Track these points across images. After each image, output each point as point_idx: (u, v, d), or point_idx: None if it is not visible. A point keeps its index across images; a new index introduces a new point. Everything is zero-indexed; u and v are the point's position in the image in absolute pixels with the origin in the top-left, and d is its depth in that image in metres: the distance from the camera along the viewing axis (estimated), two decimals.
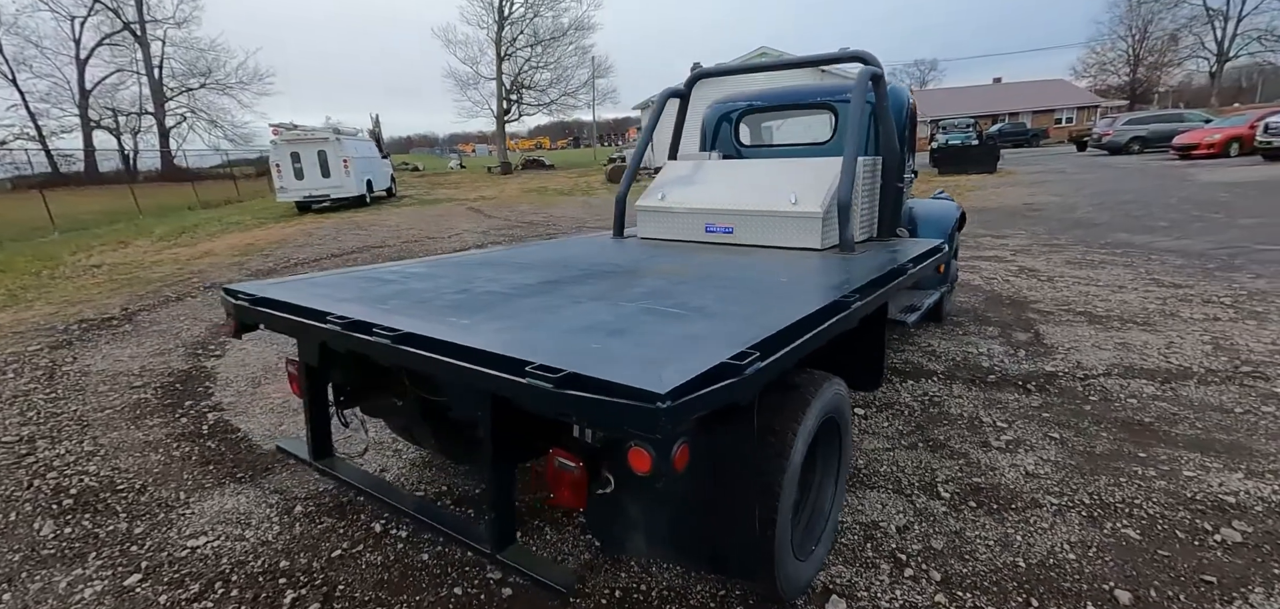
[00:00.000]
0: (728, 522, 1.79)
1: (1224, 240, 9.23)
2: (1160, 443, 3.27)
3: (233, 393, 4.47)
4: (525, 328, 1.93)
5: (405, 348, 1.80)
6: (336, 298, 2.41)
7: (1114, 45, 53.10)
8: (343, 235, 12.33)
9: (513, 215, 14.99)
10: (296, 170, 17.21)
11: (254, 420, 3.98)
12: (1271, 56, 38.08)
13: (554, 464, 1.71)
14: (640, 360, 1.56)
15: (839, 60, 3.99)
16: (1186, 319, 5.36)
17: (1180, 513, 2.67)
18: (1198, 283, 6.79)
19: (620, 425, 1.37)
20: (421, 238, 11.72)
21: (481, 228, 12.93)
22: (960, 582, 2.30)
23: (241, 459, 3.48)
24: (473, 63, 42.49)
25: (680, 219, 3.96)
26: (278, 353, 5.27)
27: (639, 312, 2.09)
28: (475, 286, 2.55)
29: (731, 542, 1.81)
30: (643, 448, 1.36)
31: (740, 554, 1.82)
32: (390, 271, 2.98)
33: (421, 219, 14.59)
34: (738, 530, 1.78)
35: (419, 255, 9.78)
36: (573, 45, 42.39)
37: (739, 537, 1.79)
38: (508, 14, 40.92)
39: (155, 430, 3.89)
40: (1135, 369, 4.29)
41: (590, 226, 12.65)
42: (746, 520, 1.77)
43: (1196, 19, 40.02)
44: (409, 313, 2.16)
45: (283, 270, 9.14)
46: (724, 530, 1.81)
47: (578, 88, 43.36)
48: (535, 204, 17.19)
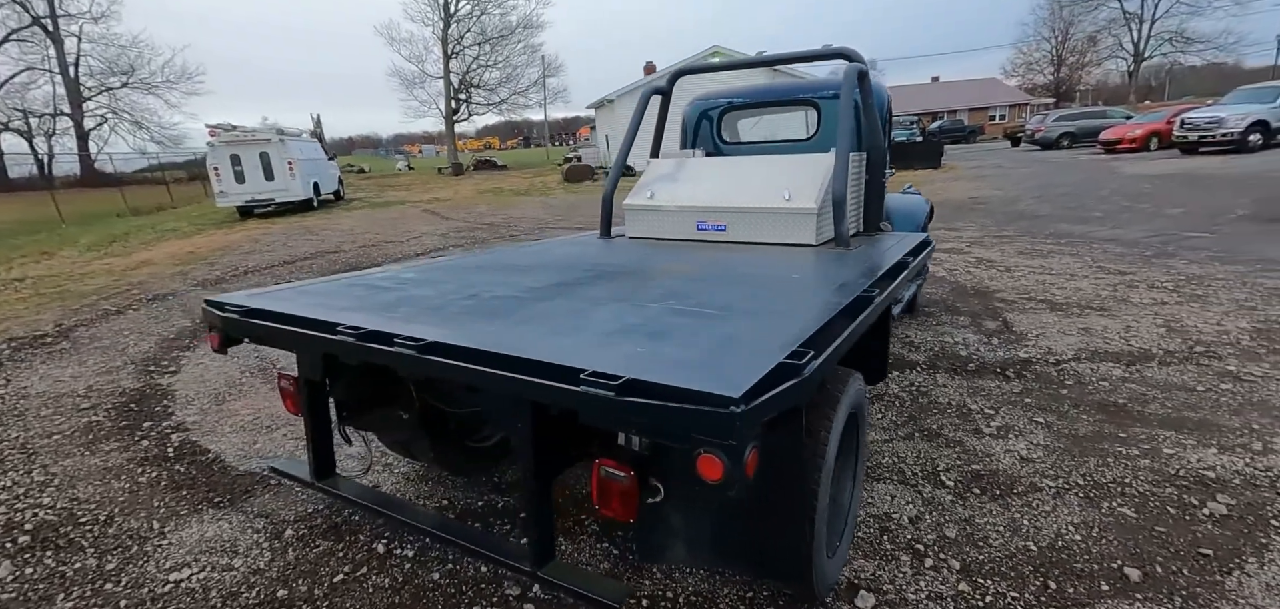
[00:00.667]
0: (775, 524, 1.76)
1: (1155, 229, 9.83)
2: (1136, 423, 3.43)
3: (196, 412, 4.18)
4: (557, 334, 1.86)
5: (434, 358, 1.70)
6: (336, 307, 2.27)
7: (1039, 46, 56.04)
8: (293, 241, 11.78)
9: (471, 217, 14.66)
10: (237, 173, 16.37)
11: (225, 440, 3.73)
12: (1181, 56, 40.98)
13: (600, 474, 1.64)
14: (695, 364, 1.52)
15: (824, 57, 4.03)
16: (1138, 304, 5.67)
17: (1167, 490, 2.80)
18: (1139, 269, 7.20)
19: (690, 433, 1.32)
20: (378, 241, 11.32)
21: (441, 230, 12.59)
22: (979, 569, 2.34)
23: (217, 482, 3.25)
24: (418, 61, 41.41)
25: (670, 217, 3.93)
26: (240, 368, 4.98)
27: (665, 313, 2.04)
28: (482, 291, 2.45)
29: (779, 544, 1.79)
30: (714, 455, 1.31)
31: (787, 557, 1.79)
32: (383, 278, 2.84)
33: (376, 222, 14.11)
34: (786, 533, 1.76)
35: (379, 260, 9.45)
36: (521, 44, 41.87)
37: (787, 539, 1.76)
38: (454, 11, 40.05)
39: (113, 456, 3.60)
40: (1101, 353, 4.50)
41: (552, 226, 12.49)
42: (794, 522, 1.74)
43: (1115, 22, 42.63)
44: (422, 320, 2.05)
45: (232, 280, 8.66)
46: (772, 533, 1.78)
47: (528, 87, 42.86)
48: (493, 205, 16.86)
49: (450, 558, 2.52)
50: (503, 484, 3.10)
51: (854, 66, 3.72)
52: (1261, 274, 6.70)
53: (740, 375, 1.37)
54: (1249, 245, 8.30)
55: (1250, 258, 7.54)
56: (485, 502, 2.97)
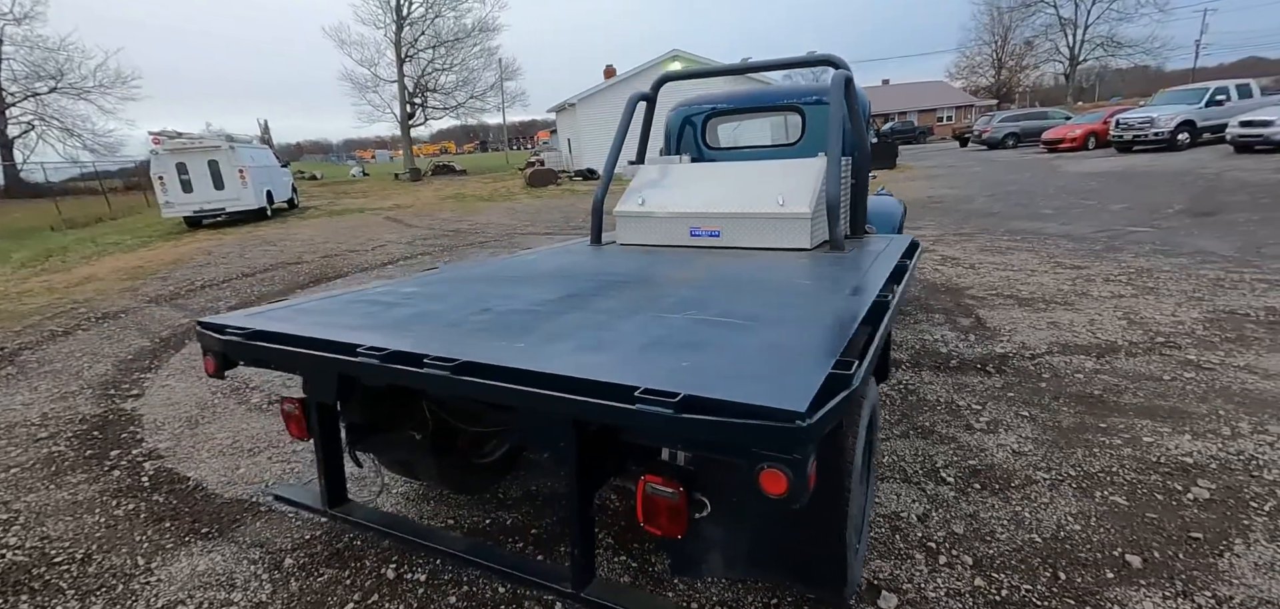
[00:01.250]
0: (813, 532, 1.77)
1: (1102, 224, 10.34)
2: (1114, 413, 3.60)
3: (169, 437, 3.97)
4: (590, 349, 1.83)
5: (468, 379, 1.65)
6: (343, 326, 2.19)
7: (980, 50, 58.34)
8: (250, 252, 11.32)
9: (437, 223, 14.36)
10: (184, 182, 15.63)
11: (204, 466, 3.55)
12: (1111, 60, 43.38)
13: (646, 491, 1.62)
14: (747, 377, 1.52)
15: (809, 64, 4.10)
16: (1097, 297, 5.95)
17: (1152, 477, 2.94)
18: (1092, 264, 7.56)
19: (753, 448, 1.32)
20: (342, 251, 10.97)
21: (406, 238, 12.29)
22: (991, 563, 2.41)
23: (202, 512, 3.09)
24: (371, 65, 40.34)
25: (662, 224, 3.93)
26: (211, 389, 4.75)
27: (690, 324, 2.04)
28: (494, 305, 2.40)
29: (818, 552, 1.80)
30: (779, 469, 1.31)
31: (827, 563, 1.81)
32: (384, 293, 2.75)
33: (336, 231, 13.68)
34: (825, 539, 1.77)
35: (345, 270, 9.17)
36: (477, 47, 41.25)
37: (826, 546, 1.78)
38: (407, 14, 39.20)
39: (82, 488, 3.39)
40: (1071, 346, 4.70)
41: (521, 233, 12.35)
42: (833, 528, 1.76)
43: (1051, 27, 44.76)
44: (441, 338, 2.00)
45: (188, 295, 8.26)
46: (809, 541, 1.79)
47: (485, 90, 42.25)
48: (457, 211, 16.56)
49: (465, 580, 2.46)
50: (508, 500, 3.04)
51: (840, 73, 3.79)
52: (1202, 266, 7.11)
53: (799, 388, 1.37)
54: (1188, 239, 8.81)
55: (1190, 250, 8.01)
56: (492, 519, 2.91)
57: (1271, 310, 5.30)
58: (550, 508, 2.96)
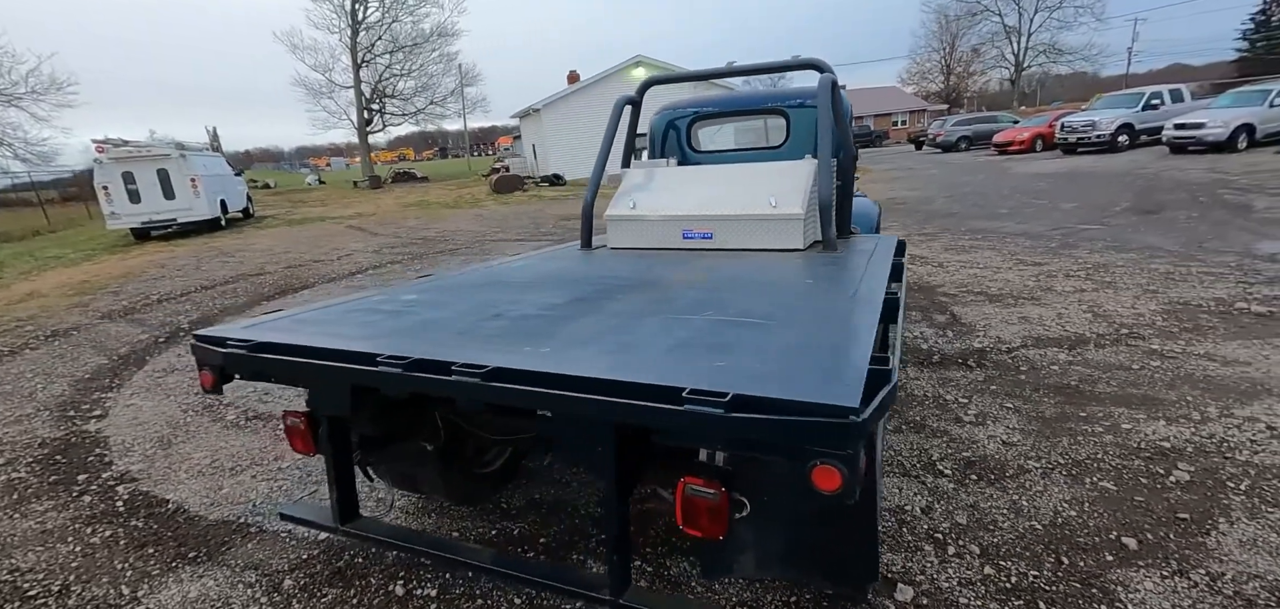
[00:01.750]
0: (845, 528, 1.79)
1: (1055, 223, 10.79)
2: (1092, 402, 3.75)
3: (140, 459, 3.77)
4: (616, 352, 1.81)
5: (499, 385, 1.62)
6: (352, 336, 2.12)
7: (930, 56, 60.40)
8: (207, 264, 10.87)
9: (403, 232, 14.06)
10: (131, 193, 14.92)
11: (184, 488, 3.39)
12: (1053, 66, 45.48)
13: (686, 493, 1.61)
14: (789, 374, 1.53)
15: (795, 68, 4.17)
16: (1061, 292, 6.20)
17: (1135, 462, 3.07)
18: (1051, 260, 7.88)
19: (806, 445, 1.33)
20: (306, 261, 10.63)
21: (372, 246, 11.99)
22: (997, 552, 2.48)
23: (186, 535, 2.95)
24: (325, 70, 39.30)
25: (654, 227, 3.92)
26: (180, 407, 4.54)
27: (711, 324, 2.04)
28: (504, 311, 2.36)
29: (850, 548, 1.82)
30: (832, 466, 1.32)
31: (860, 559, 1.83)
32: (383, 301, 2.67)
33: (298, 240, 13.24)
34: (858, 535, 1.79)
35: (310, 281, 8.90)
36: (437, 52, 40.65)
37: (859, 541, 1.80)
38: (362, 19, 38.37)
39: (51, 516, 3.19)
40: (1044, 339, 4.89)
41: (491, 239, 12.19)
42: (866, 524, 1.78)
43: (997, 35, 46.65)
44: (458, 345, 1.95)
45: (145, 309, 7.87)
46: (845, 537, 1.81)
47: (446, 96, 41.65)
48: (422, 219, 16.24)
49: (479, 593, 2.40)
50: (512, 510, 2.99)
51: (827, 76, 3.87)
52: (1151, 261, 7.49)
53: (846, 385, 1.39)
54: (1135, 235, 9.27)
55: (1139, 246, 8.43)
56: (499, 529, 2.85)
57: (1220, 301, 5.61)
58: (556, 516, 2.92)
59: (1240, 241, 8.22)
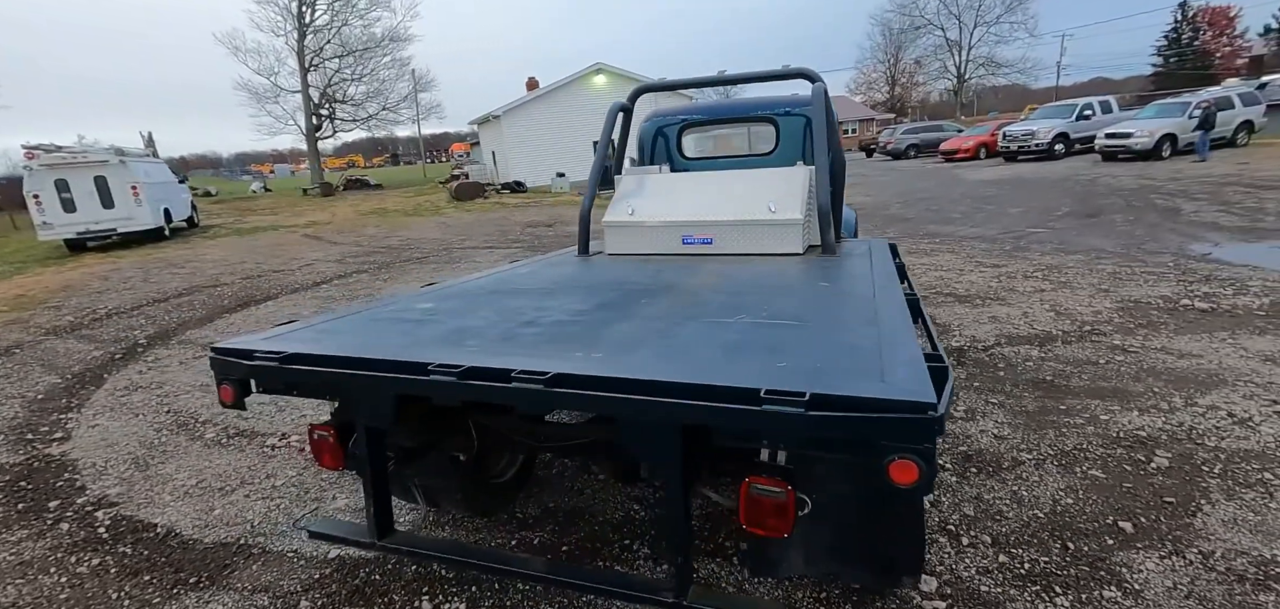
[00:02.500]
0: (899, 521, 1.85)
1: (1006, 227, 11.33)
2: (1069, 396, 3.96)
3: (116, 482, 3.56)
4: (671, 356, 1.83)
5: (564, 391, 1.62)
6: (383, 344, 2.08)
7: (875, 67, 62.59)
8: (156, 276, 10.31)
9: (364, 240, 13.66)
10: (64, 201, 14.03)
11: (171, 511, 3.22)
12: (992, 78, 47.84)
13: (750, 492, 1.64)
14: (853, 373, 1.58)
15: (785, 76, 4.27)
16: (1024, 292, 6.52)
17: (1118, 450, 3.27)
18: (1009, 262, 8.27)
19: (885, 440, 1.38)
20: (265, 272, 10.22)
21: (334, 256, 11.61)
22: (1007, 541, 2.60)
23: (183, 560, 2.80)
24: (270, 74, 37.86)
25: (653, 233, 3.95)
26: (152, 426, 4.31)
27: (752, 327, 2.07)
28: (535, 318, 2.34)
29: (901, 542, 1.87)
30: (910, 460, 1.37)
31: (909, 552, 1.89)
32: (398, 309, 2.60)
33: (252, 251, 12.71)
34: (909, 528, 1.85)
35: (273, 292, 8.57)
36: (389, 57, 39.71)
37: (910, 535, 1.86)
38: (310, 22, 37.18)
39: (26, 546, 2.98)
40: (1015, 337, 5.13)
41: (459, 247, 11.98)
42: (913, 518, 1.84)
43: (939, 47, 48.76)
44: (504, 351, 1.93)
45: (92, 324, 7.42)
46: (895, 531, 1.87)
47: (399, 101, 40.72)
48: (383, 227, 15.82)
49: (509, 604, 2.37)
50: (529, 519, 2.96)
51: (820, 85, 3.98)
52: (1098, 261, 7.96)
53: (916, 380, 1.44)
54: (1080, 238, 9.82)
55: (1084, 248, 8.93)
56: (518, 538, 2.82)
57: (1166, 298, 6.01)
58: (574, 524, 2.90)
59: (1174, 243, 8.81)
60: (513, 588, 2.44)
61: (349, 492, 3.27)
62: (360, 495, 3.22)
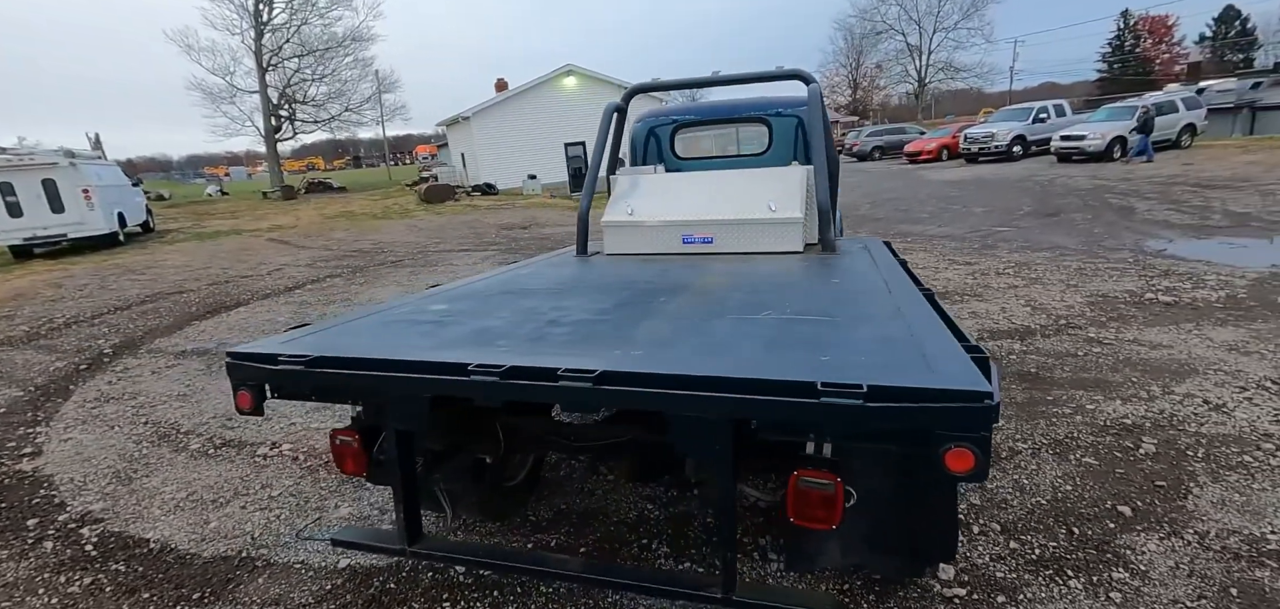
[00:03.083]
0: (935, 510, 1.89)
1: (972, 226, 11.68)
2: (1054, 386, 4.11)
3: (99, 497, 3.40)
4: (711, 351, 1.84)
5: (612, 388, 1.61)
6: (416, 345, 2.04)
7: (838, 71, 63.76)
8: (114, 283, 9.85)
9: (334, 244, 13.31)
10: (9, 205, 13.31)
11: (164, 525, 3.09)
12: (952, 82, 49.26)
13: (799, 486, 1.66)
14: (901, 365, 1.61)
15: (779, 77, 4.33)
16: (999, 288, 6.73)
17: (1107, 438, 3.40)
18: (980, 259, 8.53)
19: (944, 429, 1.41)
20: (232, 277, 9.87)
21: (304, 260, 11.29)
22: (1017, 528, 2.68)
23: (183, 576, 2.69)
24: (226, 74, 36.52)
25: (653, 232, 3.96)
26: (131, 437, 4.12)
27: (782, 323, 2.10)
28: (558, 317, 2.32)
29: (936, 529, 1.92)
30: (966, 448, 1.40)
31: (943, 539, 1.93)
32: (412, 312, 2.54)
33: (215, 256, 12.25)
34: (944, 516, 1.89)
35: (244, 298, 8.30)
36: (351, 57, 38.74)
37: (944, 523, 1.90)
38: (268, 20, 36.04)
39: (8, 568, 2.82)
40: (997, 332, 5.30)
41: (434, 250, 11.78)
42: (950, 504, 1.89)
43: (900, 52, 49.99)
44: (537, 351, 1.91)
45: (50, 334, 7.05)
46: (931, 520, 1.91)
47: (362, 103, 39.76)
48: (352, 230, 15.44)
49: (534, 605, 2.34)
50: (542, 523, 2.93)
51: (816, 87, 4.05)
52: (1063, 258, 8.27)
53: (966, 370, 1.48)
54: (1043, 236, 10.19)
55: (1049, 246, 9.27)
56: (534, 542, 2.79)
57: (1131, 293, 6.28)
58: (589, 525, 2.88)
59: (1130, 240, 9.21)
60: (536, 591, 2.42)
61: (351, 500, 3.19)
62: (363, 503, 3.16)
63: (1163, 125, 19.81)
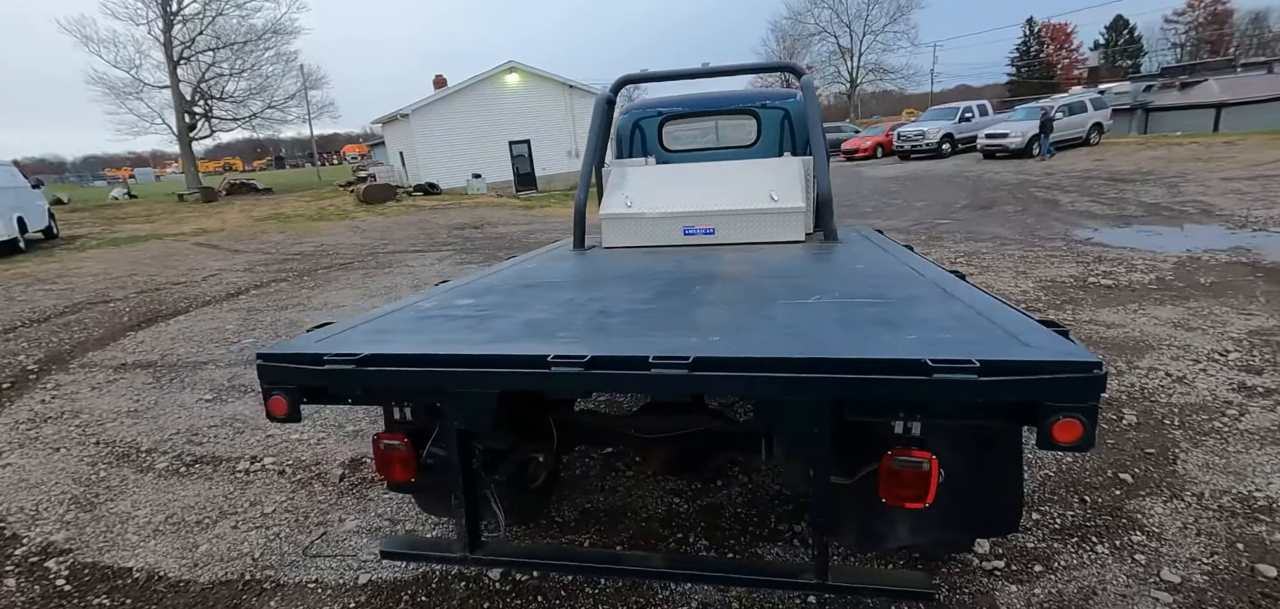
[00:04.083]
0: (1002, 482, 1.92)
1: (916, 219, 12.23)
2: None
3: (59, 526, 3.05)
4: (792, 336, 1.81)
5: (707, 374, 1.56)
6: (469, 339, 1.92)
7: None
8: (23, 294, 8.90)
9: (270, 247, 12.53)
10: None
11: (145, 552, 2.80)
12: (882, 84, 51.55)
13: (892, 466, 1.65)
14: (981, 343, 1.63)
15: (771, 70, 4.38)
16: None
17: None
18: (929, 250, 8.90)
19: (1053, 400, 1.43)
20: (163, 284, 9.11)
21: (240, 265, 10.56)
22: (1034, 500, 2.80)
23: (178, 604, 2.45)
24: (131, 67, 33.81)
25: (653, 224, 3.91)
26: (85, 459, 3.73)
27: (839, 306, 2.10)
28: (609, 308, 2.23)
29: (1002, 501, 1.95)
30: (1075, 418, 1.43)
31: (1009, 509, 1.97)
32: (435, 308, 2.40)
33: (137, 262, 11.28)
34: (1011, 487, 1.93)
35: (182, 305, 7.70)
36: (272, 51, 36.62)
37: (1011, 494, 1.94)
38: (177, 10, 33.60)
39: None
40: None
41: (383, 252, 11.28)
42: (1017, 476, 1.93)
43: (833, 53, 51.81)
44: (598, 340, 1.84)
45: None
46: (998, 492, 1.94)
47: (286, 100, 37.69)
48: (289, 233, 14.58)
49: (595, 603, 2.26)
50: (570, 523, 2.84)
51: (809, 79, 4.10)
52: (1005, 248, 8.78)
53: (1059, 343, 1.52)
54: (982, 227, 10.77)
55: (989, 237, 9.81)
56: (567, 541, 2.69)
57: (1075, 277, 6.72)
58: (619, 523, 2.82)
59: (1060, 230, 9.86)
60: (582, 593, 2.33)
61: (357, 513, 2.99)
62: (369, 516, 2.98)
63: (1074, 124, 21.37)
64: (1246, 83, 28.37)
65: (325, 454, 3.58)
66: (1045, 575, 2.34)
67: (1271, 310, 5.11)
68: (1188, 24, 59.57)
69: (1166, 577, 2.29)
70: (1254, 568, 2.30)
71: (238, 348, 5.81)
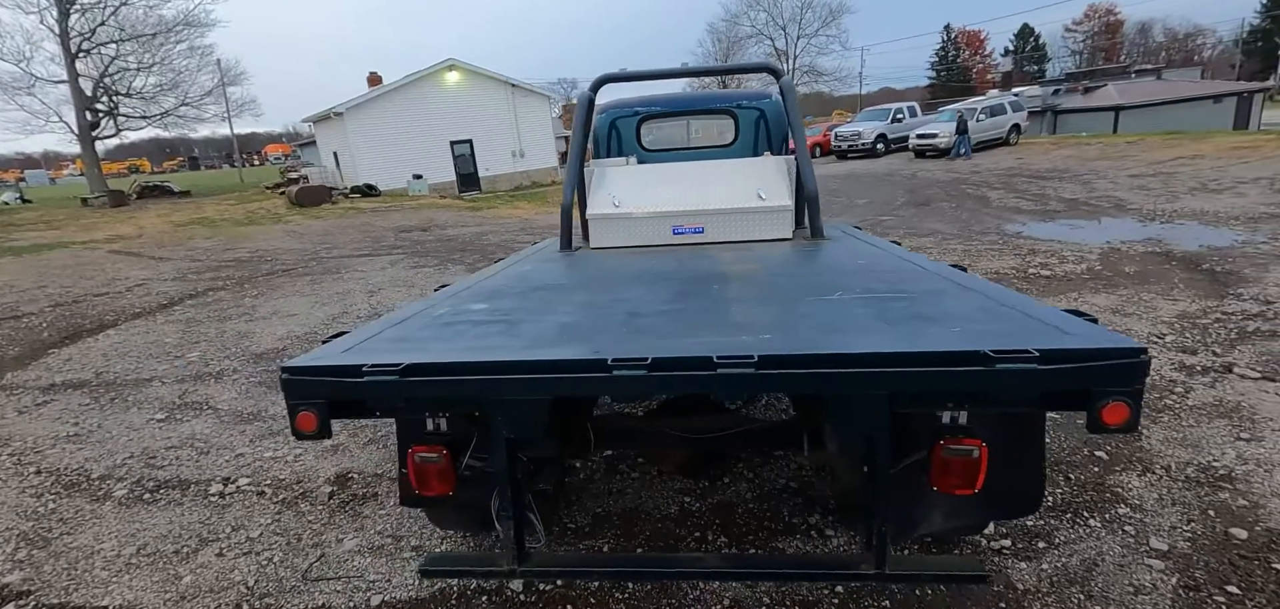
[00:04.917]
0: (1026, 465, 2.01)
1: (859, 217, 12.68)
2: None
3: (9, 564, 2.75)
4: (832, 331, 1.84)
5: (774, 372, 1.58)
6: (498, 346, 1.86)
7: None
8: None
9: (201, 254, 11.72)
10: None
11: (119, 589, 2.56)
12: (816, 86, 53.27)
13: (943, 455, 1.71)
14: (1030, 332, 1.70)
15: (751, 70, 4.43)
16: None
17: None
18: None
19: (1105, 386, 1.52)
20: (81, 297, 8.35)
21: (170, 274, 9.82)
22: None
23: None
24: (21, 59, 30.88)
25: (641, 224, 3.90)
26: (28, 490, 3.38)
27: (866, 301, 2.15)
28: (638, 309, 2.20)
29: (1027, 483, 2.05)
30: (1123, 402, 1.52)
31: (1031, 493, 2.06)
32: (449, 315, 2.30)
33: (45, 273, 10.29)
34: (1034, 470, 2.03)
35: (108, 318, 7.12)
36: (185, 44, 34.21)
37: (1034, 476, 2.04)
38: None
39: None
40: None
41: (329, 256, 10.76)
42: (1040, 459, 2.03)
43: (769, 55, 53.09)
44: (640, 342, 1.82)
45: None
46: (1023, 475, 2.03)
47: (202, 96, 35.30)
48: (218, 239, 13.66)
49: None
50: (583, 529, 2.79)
51: (789, 80, 4.19)
52: (947, 242, 9.25)
53: (1098, 331, 1.62)
54: (922, 222, 11.32)
55: (930, 232, 10.32)
56: (585, 547, 2.65)
57: (1016, 268, 7.15)
58: (634, 525, 2.79)
59: (993, 224, 10.47)
60: (613, 599, 2.30)
61: (354, 531, 2.85)
62: (367, 534, 2.85)
63: (996, 124, 22.73)
64: (1140, 87, 30.97)
65: (307, 471, 3.38)
66: (1049, 551, 2.48)
67: (1192, 295, 5.59)
68: (1084, 33, 64.65)
69: (1155, 545, 2.47)
70: (1228, 532, 2.51)
71: (183, 363, 5.41)
